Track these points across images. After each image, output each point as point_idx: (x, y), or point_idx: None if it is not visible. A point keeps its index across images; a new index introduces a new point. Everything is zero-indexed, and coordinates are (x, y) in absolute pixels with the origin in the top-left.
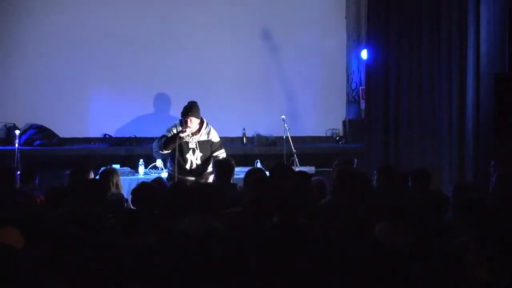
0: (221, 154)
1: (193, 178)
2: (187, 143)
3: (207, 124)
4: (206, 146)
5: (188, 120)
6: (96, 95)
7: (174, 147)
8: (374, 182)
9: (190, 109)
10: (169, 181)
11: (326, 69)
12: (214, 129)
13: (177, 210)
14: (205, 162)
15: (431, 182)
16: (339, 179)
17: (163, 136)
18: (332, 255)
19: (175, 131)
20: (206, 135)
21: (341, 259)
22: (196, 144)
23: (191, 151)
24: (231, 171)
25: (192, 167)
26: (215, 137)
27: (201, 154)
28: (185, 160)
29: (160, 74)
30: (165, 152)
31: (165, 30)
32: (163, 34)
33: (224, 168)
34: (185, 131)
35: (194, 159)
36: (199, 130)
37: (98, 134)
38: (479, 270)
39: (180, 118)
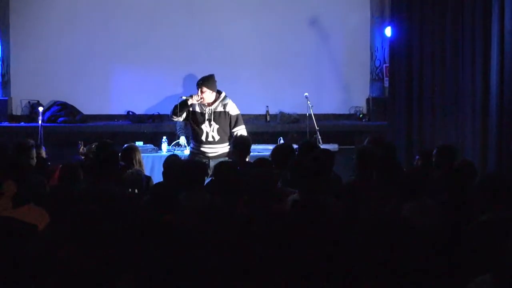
0: (240, 130)
1: (210, 151)
2: (203, 113)
3: (225, 96)
4: (223, 119)
5: (199, 90)
6: (119, 72)
7: (181, 112)
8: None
9: (203, 79)
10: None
11: (349, 46)
12: (236, 105)
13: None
14: (222, 135)
15: (455, 158)
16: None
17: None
18: (358, 235)
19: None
20: (222, 107)
21: (367, 239)
22: (212, 115)
23: (207, 122)
24: (248, 150)
25: (208, 139)
26: (233, 110)
27: (217, 126)
28: (201, 131)
29: (183, 51)
30: (175, 119)
31: (189, 7)
32: (187, 11)
33: (240, 147)
34: (193, 96)
35: (210, 130)
36: (214, 101)
37: (121, 111)
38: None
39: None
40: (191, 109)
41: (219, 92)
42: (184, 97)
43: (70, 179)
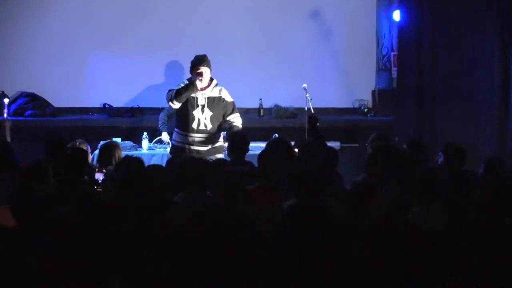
0: (236, 118)
1: (201, 144)
2: (195, 98)
3: (217, 82)
4: (217, 105)
5: (203, 71)
6: (95, 60)
7: (187, 96)
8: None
9: (204, 59)
10: (174, 153)
11: (353, 32)
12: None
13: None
14: (215, 124)
15: (465, 159)
16: (375, 158)
17: (171, 90)
18: (363, 241)
19: None
20: (217, 92)
21: (373, 245)
22: (205, 100)
23: (199, 108)
24: (245, 147)
25: (200, 127)
26: (227, 97)
27: (211, 113)
28: (192, 118)
29: (168, 38)
30: (175, 105)
31: None
32: None
33: (237, 143)
34: (201, 80)
35: (202, 118)
36: (208, 86)
37: (96, 103)
38: None
39: (185, 79)
40: None
41: (210, 79)
42: (191, 80)
43: (38, 178)
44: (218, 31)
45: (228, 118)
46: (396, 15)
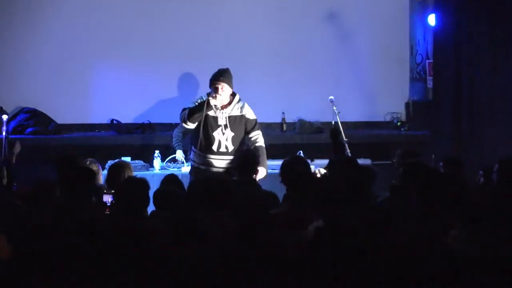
0: (258, 136)
1: (220, 165)
2: (215, 118)
3: (239, 98)
4: (239, 124)
5: (219, 87)
6: (101, 72)
7: (201, 117)
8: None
9: (222, 74)
10: (192, 175)
11: (384, 39)
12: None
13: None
14: (237, 145)
15: None
16: (405, 175)
17: (186, 108)
18: (393, 267)
19: None
20: (239, 110)
21: (405, 273)
22: (226, 120)
23: (220, 128)
24: (251, 166)
25: (220, 149)
26: (250, 113)
27: (232, 134)
28: (212, 139)
29: (181, 48)
30: (189, 126)
31: None
32: None
33: (242, 162)
34: (215, 97)
35: (223, 139)
36: (229, 103)
37: (104, 119)
38: None
39: (206, 93)
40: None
41: (233, 94)
42: (207, 97)
43: (40, 202)
44: (236, 40)
45: (250, 136)
46: (432, 20)
